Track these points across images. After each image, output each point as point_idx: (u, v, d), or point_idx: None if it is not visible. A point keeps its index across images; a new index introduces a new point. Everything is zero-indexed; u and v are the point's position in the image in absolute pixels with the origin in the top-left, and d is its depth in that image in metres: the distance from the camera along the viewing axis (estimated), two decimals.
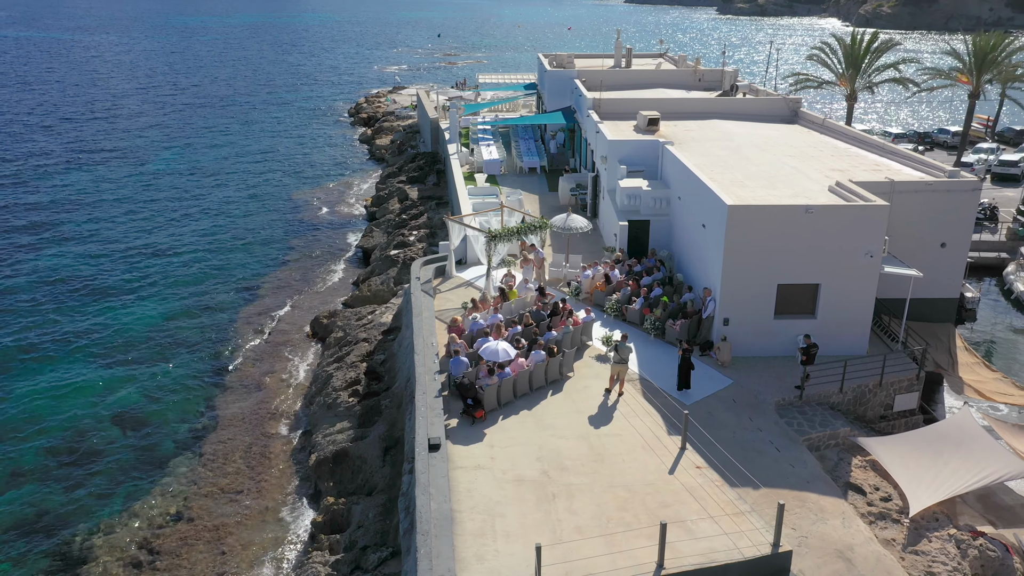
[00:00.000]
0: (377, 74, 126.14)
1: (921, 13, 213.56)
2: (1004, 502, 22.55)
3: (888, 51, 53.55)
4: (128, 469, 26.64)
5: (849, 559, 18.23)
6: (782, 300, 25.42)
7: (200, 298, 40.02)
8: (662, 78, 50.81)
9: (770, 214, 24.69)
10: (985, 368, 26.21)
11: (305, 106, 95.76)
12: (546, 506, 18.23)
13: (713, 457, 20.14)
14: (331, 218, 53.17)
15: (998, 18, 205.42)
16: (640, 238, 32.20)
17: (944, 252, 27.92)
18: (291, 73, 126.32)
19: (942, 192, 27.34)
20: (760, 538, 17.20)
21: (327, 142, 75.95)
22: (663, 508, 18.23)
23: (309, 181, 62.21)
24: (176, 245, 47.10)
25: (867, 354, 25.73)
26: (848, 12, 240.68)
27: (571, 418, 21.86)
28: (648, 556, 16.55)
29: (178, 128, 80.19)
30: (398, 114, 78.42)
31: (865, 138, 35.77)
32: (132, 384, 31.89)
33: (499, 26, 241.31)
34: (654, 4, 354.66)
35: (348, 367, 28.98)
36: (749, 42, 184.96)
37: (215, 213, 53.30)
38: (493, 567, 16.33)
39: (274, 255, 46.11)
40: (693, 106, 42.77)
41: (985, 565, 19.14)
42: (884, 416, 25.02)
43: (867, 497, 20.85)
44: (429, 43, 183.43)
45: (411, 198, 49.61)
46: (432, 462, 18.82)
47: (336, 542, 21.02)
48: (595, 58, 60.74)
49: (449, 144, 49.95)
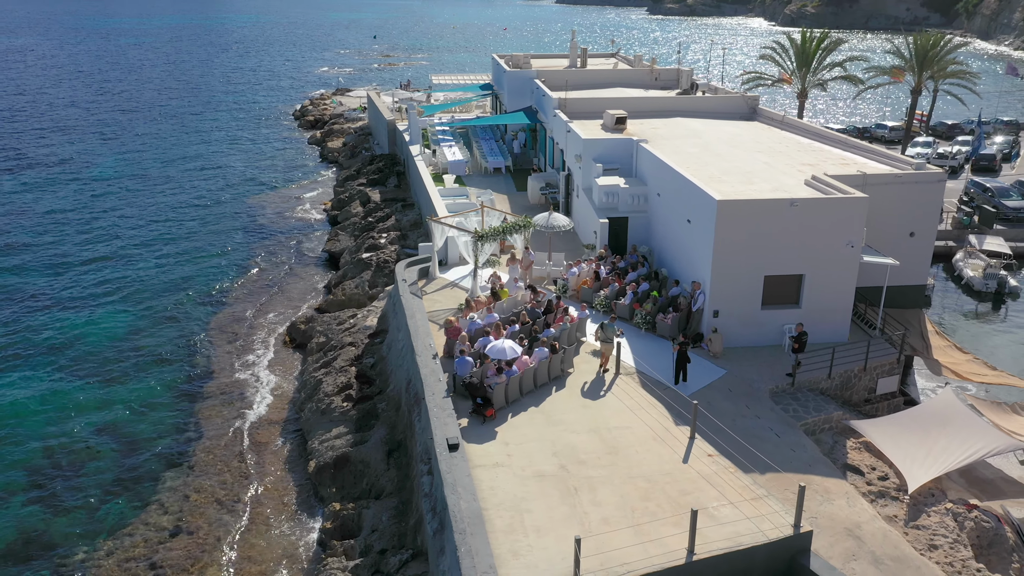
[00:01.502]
0: (317, 76, 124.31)
1: (843, 13, 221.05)
2: (985, 476, 23.82)
3: (835, 50, 55.52)
4: (115, 487, 25.81)
5: (858, 536, 19.04)
6: (768, 291, 26.29)
7: (165, 309, 38.95)
8: (620, 78, 51.61)
9: (757, 208, 25.49)
10: (957, 350, 27.57)
11: (246, 109, 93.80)
12: (570, 500, 18.51)
13: (725, 443, 20.71)
14: (291, 222, 52.34)
15: (914, 17, 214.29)
16: (619, 235, 32.77)
17: (913, 241, 29.22)
18: (227, 76, 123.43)
19: (911, 184, 28.61)
20: (780, 520, 17.81)
21: (276, 146, 74.62)
22: (684, 496, 18.71)
23: (263, 186, 61.05)
24: (131, 256, 45.63)
25: (848, 341, 26.81)
26: (773, 12, 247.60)
27: (579, 413, 22.18)
28: (678, 543, 16.98)
29: (115, 135, 77.45)
30: (347, 116, 77.57)
31: (827, 133, 37.11)
32: (106, 401, 30.89)
33: (434, 27, 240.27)
34: (585, 5, 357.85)
35: (337, 372, 28.70)
36: (687, 41, 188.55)
37: (167, 221, 51.82)
38: (530, 562, 16.52)
39: (237, 262, 45.19)
40: (656, 104, 43.61)
41: (981, 535, 20.20)
42: (868, 399, 26.11)
43: (866, 477, 21.77)
44: (365, 45, 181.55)
45: (374, 200, 49.24)
46: (454, 462, 18.88)
47: (351, 547, 20.87)
48: (551, 58, 61.31)
49: (411, 146, 49.75)
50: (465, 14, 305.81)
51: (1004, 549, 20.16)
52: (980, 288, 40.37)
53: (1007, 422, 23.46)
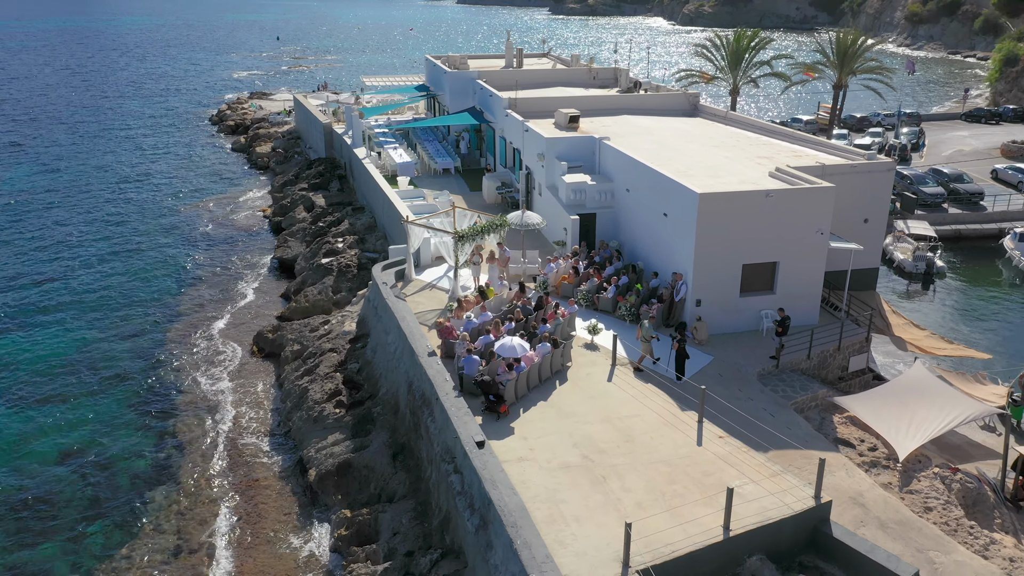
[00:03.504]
0: (228, 80, 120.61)
1: (738, 12, 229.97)
2: (953, 442, 25.67)
3: (764, 48, 58.10)
4: (98, 512, 24.59)
5: (863, 504, 20.30)
6: (746, 279, 27.51)
7: (115, 326, 37.29)
8: (559, 77, 52.52)
9: (735, 200, 26.64)
10: (914, 327, 29.54)
11: (159, 116, 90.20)
12: (601, 488, 19.02)
13: (734, 424, 21.64)
14: (231, 230, 50.88)
15: (804, 16, 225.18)
16: (588, 231, 33.49)
17: (867, 227, 31.08)
18: (132, 81, 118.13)
19: (865, 173, 30.44)
20: (801, 493, 18.83)
21: (198, 152, 72.15)
22: (707, 477, 19.52)
23: (194, 194, 59.01)
24: (65, 275, 43.02)
25: (817, 324, 28.33)
26: (672, 12, 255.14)
27: (587, 404, 22.73)
28: (714, 521, 17.74)
29: (16, 149, 72.82)
30: (272, 120, 75.77)
31: (771, 127, 38.93)
32: (71, 424, 29.42)
33: (338, 28, 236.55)
34: (486, 5, 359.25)
35: (323, 379, 28.32)
36: (599, 41, 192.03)
37: (98, 238, 48.72)
38: (578, 550, 16.94)
39: (183, 273, 43.69)
40: (603, 103, 44.65)
41: (966, 496, 21.83)
42: (841, 377, 27.68)
43: (857, 449, 23.15)
44: (270, 46, 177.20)
45: (319, 205, 48.51)
46: (486, 459, 19.10)
47: (374, 552, 20.77)
48: (487, 59, 61.69)
49: (355, 148, 49.21)
50: (366, 14, 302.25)
51: (987, 507, 21.84)
52: (911, 270, 43.16)
53: (974, 390, 25.37)
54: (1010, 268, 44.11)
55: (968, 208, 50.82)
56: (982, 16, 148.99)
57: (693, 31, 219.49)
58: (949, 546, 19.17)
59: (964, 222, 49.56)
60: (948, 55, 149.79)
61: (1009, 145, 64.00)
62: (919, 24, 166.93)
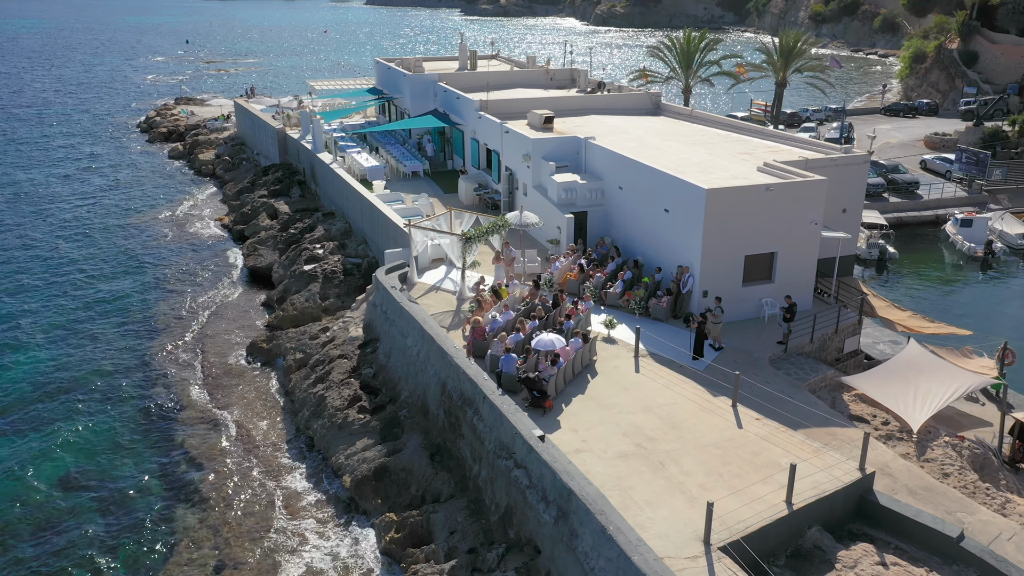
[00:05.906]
0: (146, 85, 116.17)
1: (649, 12, 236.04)
2: (945, 413, 27.57)
3: (712, 49, 60.31)
4: (120, 537, 23.85)
5: (890, 474, 21.76)
6: (748, 269, 28.87)
7: (93, 345, 35.81)
8: (517, 78, 53.22)
9: (739, 194, 27.93)
10: (897, 309, 31.53)
11: (80, 124, 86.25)
12: (662, 473, 19.83)
13: (768, 404, 22.79)
14: (191, 241, 49.44)
15: (711, 16, 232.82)
16: (580, 229, 34.31)
17: (845, 216, 32.97)
18: (41, 88, 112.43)
19: (843, 166, 32.31)
20: (846, 467, 20.12)
21: (133, 161, 69.45)
22: (756, 457, 20.59)
23: (139, 205, 56.88)
24: (21, 294, 41.17)
25: (811, 309, 29.95)
26: (584, 12, 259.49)
27: (624, 395, 23.50)
28: (776, 498, 18.80)
29: None
30: (210, 127, 73.69)
31: (738, 124, 40.65)
32: (72, 446, 28.31)
33: (248, 30, 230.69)
34: (396, 6, 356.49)
35: (339, 385, 28.16)
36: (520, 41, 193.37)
37: (45, 258, 46.21)
38: (659, 532, 17.69)
39: (151, 287, 42.25)
40: (570, 103, 45.58)
41: (974, 460, 23.67)
42: (838, 359, 29.37)
43: (871, 424, 24.74)
44: (180, 50, 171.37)
45: (284, 212, 47.77)
46: (553, 452, 19.62)
47: (433, 551, 21.00)
48: (441, 61, 61.81)
49: (319, 154, 48.64)
50: (272, 16, 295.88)
51: (992, 469, 23.75)
52: (865, 256, 45.78)
53: (966, 364, 27.37)
54: (953, 252, 47.35)
55: (906, 197, 54.19)
56: (880, 15, 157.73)
57: (607, 31, 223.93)
58: (972, 507, 20.80)
59: (904, 210, 52.87)
60: (852, 53, 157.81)
61: (932, 137, 68.46)
62: (822, 23, 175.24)
